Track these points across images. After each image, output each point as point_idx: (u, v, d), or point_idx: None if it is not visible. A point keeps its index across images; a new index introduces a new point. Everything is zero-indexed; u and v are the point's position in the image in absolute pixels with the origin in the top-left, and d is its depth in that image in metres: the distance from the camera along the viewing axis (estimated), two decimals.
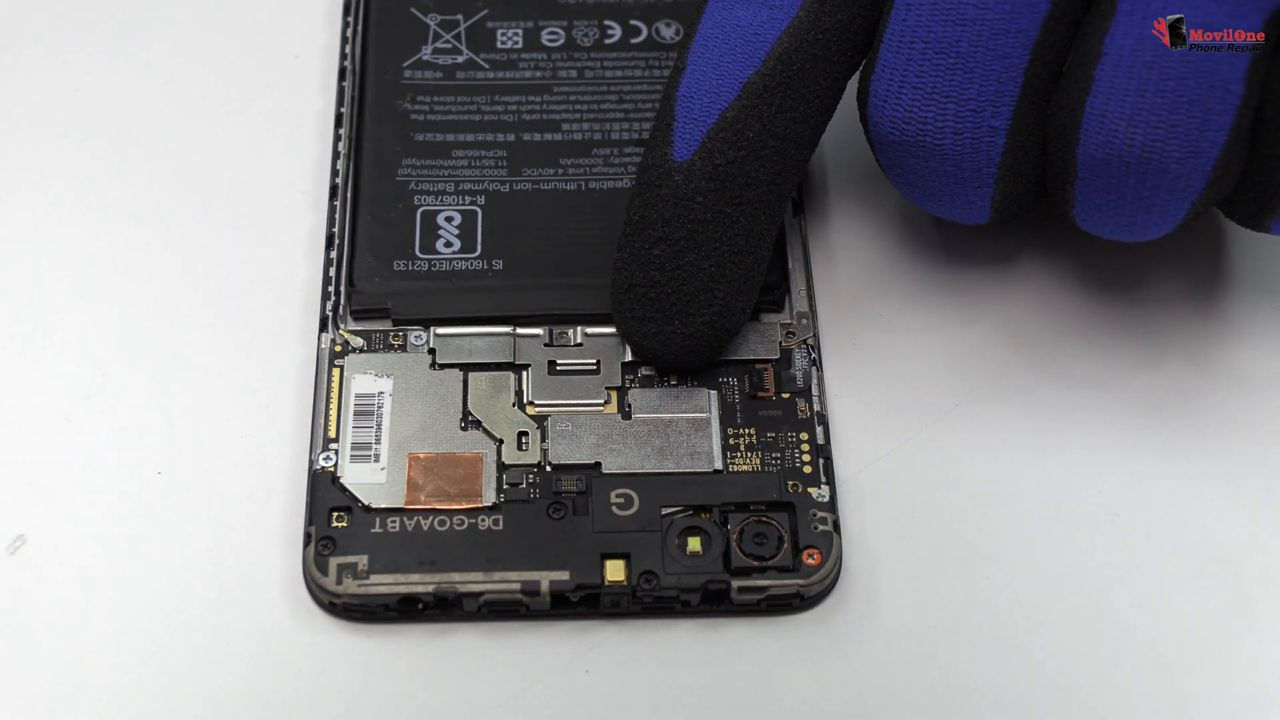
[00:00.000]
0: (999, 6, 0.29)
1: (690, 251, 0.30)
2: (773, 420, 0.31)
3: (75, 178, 0.35)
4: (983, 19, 0.30)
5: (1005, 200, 0.31)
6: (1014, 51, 0.30)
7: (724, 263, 0.30)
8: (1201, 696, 0.29)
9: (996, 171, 0.30)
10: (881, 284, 0.34)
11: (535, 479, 0.30)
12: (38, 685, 0.29)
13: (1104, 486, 0.31)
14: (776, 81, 0.30)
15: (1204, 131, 0.29)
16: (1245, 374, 0.33)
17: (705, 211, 0.30)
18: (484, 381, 0.31)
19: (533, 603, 0.29)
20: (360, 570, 0.29)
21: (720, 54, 0.31)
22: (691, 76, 0.31)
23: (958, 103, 0.30)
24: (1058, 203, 0.31)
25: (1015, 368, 0.33)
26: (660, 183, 0.30)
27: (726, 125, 0.30)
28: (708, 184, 0.30)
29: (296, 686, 0.29)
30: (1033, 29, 0.30)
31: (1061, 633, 0.30)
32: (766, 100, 0.30)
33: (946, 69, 0.30)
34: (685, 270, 0.30)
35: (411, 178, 0.34)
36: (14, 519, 0.31)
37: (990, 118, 0.30)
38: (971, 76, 0.30)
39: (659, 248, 0.30)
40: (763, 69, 0.30)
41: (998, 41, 0.30)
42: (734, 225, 0.30)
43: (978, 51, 0.30)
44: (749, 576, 0.29)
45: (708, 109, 0.30)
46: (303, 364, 0.32)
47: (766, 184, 0.31)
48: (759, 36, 0.31)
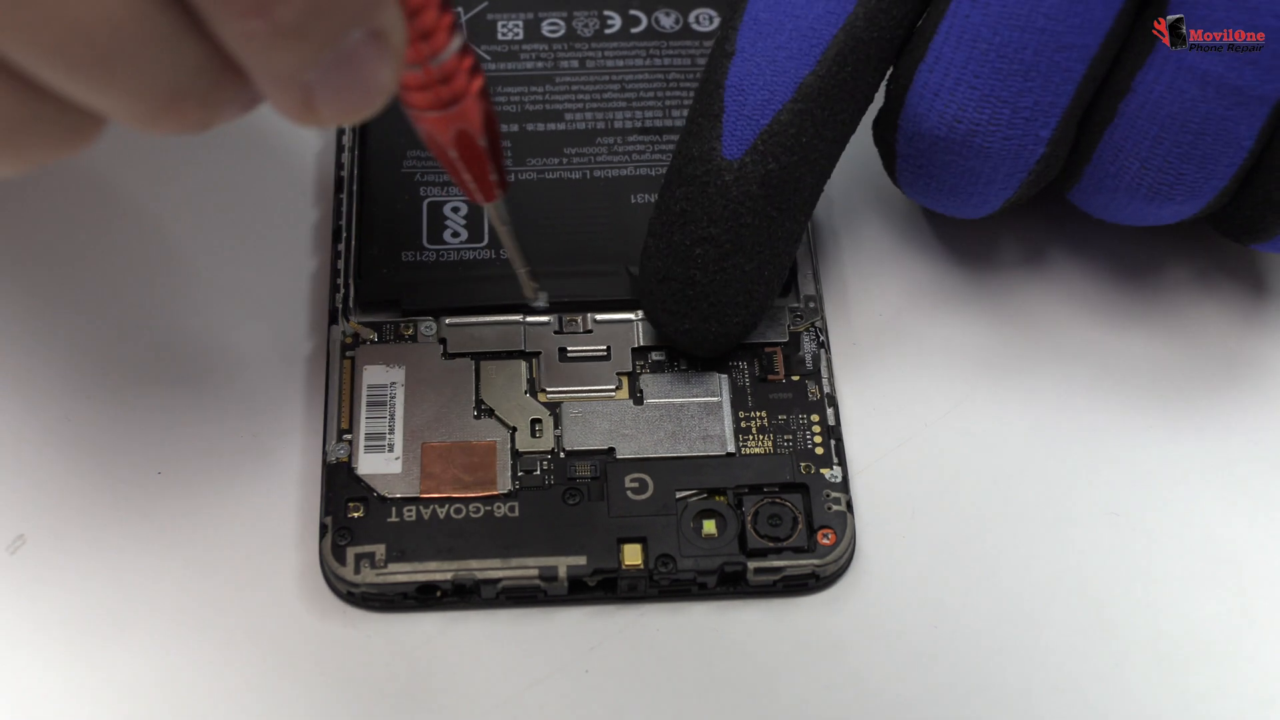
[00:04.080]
0: (1069, 19, 0.29)
1: (736, 255, 0.30)
2: (783, 403, 0.31)
3: (77, 175, 0.35)
4: (1051, 30, 0.29)
5: (1017, 199, 0.31)
6: (1074, 65, 0.29)
7: (764, 265, 0.30)
8: (1201, 696, 0.29)
9: (1026, 176, 0.30)
10: (882, 282, 0.34)
11: (550, 465, 0.31)
12: (38, 685, 0.29)
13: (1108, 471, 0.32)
14: (831, 84, 0.30)
15: (1209, 180, 0.30)
16: (1246, 375, 0.33)
17: (753, 216, 0.30)
18: (496, 370, 0.32)
19: (550, 588, 0.30)
20: (378, 559, 0.29)
21: (774, 46, 0.30)
22: (742, 66, 0.30)
23: (1013, 108, 0.30)
24: (1059, 183, 0.32)
25: (1015, 368, 0.33)
26: (708, 179, 0.30)
27: (780, 129, 0.29)
28: (759, 189, 0.29)
29: (316, 676, 0.29)
30: (1094, 44, 0.29)
31: (1066, 627, 0.30)
32: (820, 104, 0.30)
33: (1007, 74, 0.29)
34: (728, 273, 0.30)
35: (417, 169, 0.34)
36: (14, 519, 0.31)
37: (1040, 127, 0.30)
38: (1030, 85, 0.29)
39: (701, 247, 0.30)
40: (818, 70, 0.30)
41: (1062, 54, 0.29)
42: (778, 229, 0.30)
43: (1040, 61, 0.29)
44: (764, 558, 0.30)
45: (761, 108, 0.30)
46: (312, 356, 0.33)
47: (811, 187, 0.30)
48: (815, 32, 0.30)
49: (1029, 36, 0.29)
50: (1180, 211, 0.31)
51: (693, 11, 0.36)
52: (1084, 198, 0.32)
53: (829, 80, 0.30)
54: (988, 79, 0.29)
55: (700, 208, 0.30)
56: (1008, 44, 0.29)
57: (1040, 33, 0.29)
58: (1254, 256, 0.34)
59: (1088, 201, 0.32)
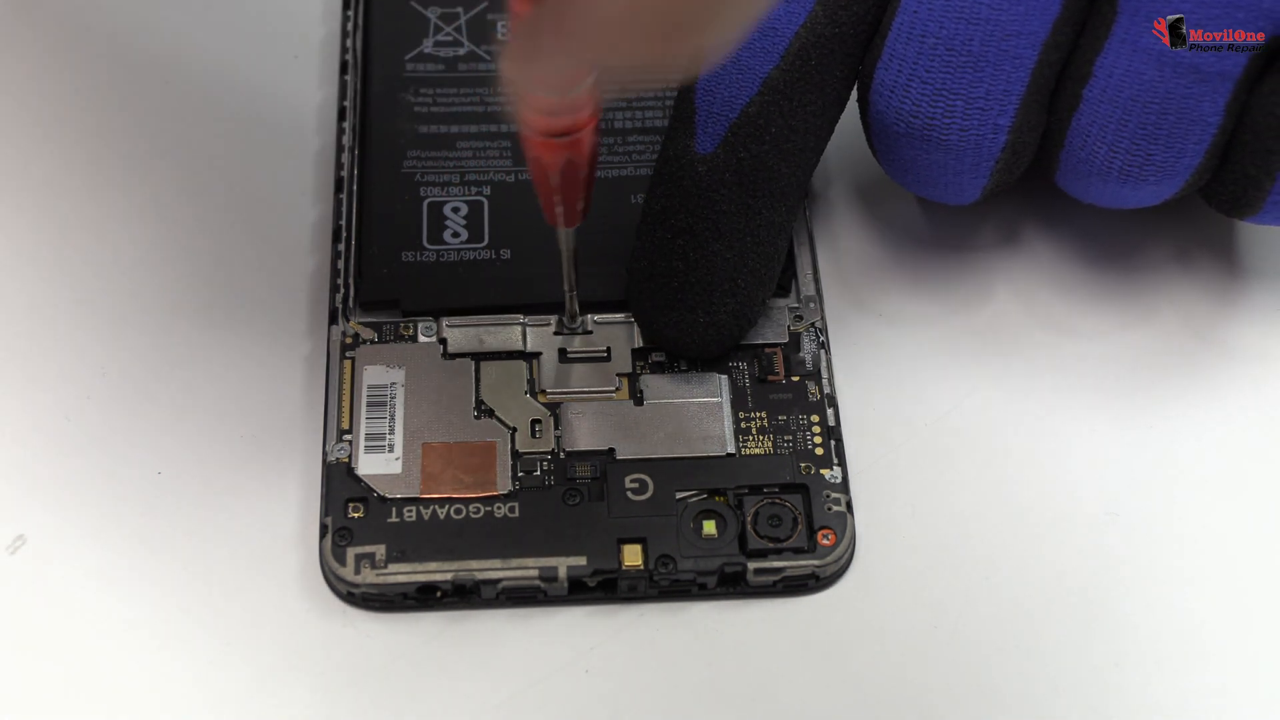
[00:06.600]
0: (1013, 8, 0.30)
1: (714, 242, 0.30)
2: (783, 403, 0.31)
3: (78, 177, 0.35)
4: (996, 19, 0.30)
5: (997, 185, 0.32)
6: (1024, 52, 0.30)
7: (746, 253, 0.31)
8: (1201, 696, 0.29)
9: (995, 164, 0.31)
10: (882, 283, 0.34)
11: (550, 466, 0.31)
12: (38, 685, 0.29)
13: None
14: (795, 77, 0.31)
15: (1180, 158, 0.30)
16: (1246, 376, 0.33)
17: (729, 203, 0.30)
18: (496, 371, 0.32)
19: (550, 588, 0.30)
20: (378, 560, 0.29)
21: (739, 47, 0.31)
22: (710, 70, 0.31)
23: (966, 100, 0.30)
24: (1043, 168, 0.32)
25: (1015, 368, 0.33)
26: (683, 175, 0.30)
27: (749, 120, 0.30)
28: (732, 176, 0.30)
29: (316, 676, 0.29)
30: (1043, 30, 0.30)
31: (1066, 627, 0.30)
32: (787, 96, 0.31)
33: (957, 66, 0.30)
34: (709, 261, 0.30)
35: (417, 169, 0.34)
36: (14, 519, 0.31)
37: (996, 115, 0.30)
38: (981, 75, 0.30)
39: (682, 238, 0.30)
40: (781, 64, 0.31)
41: (1009, 42, 0.30)
42: (756, 217, 0.31)
43: (989, 51, 0.30)
44: (765, 558, 0.30)
45: (729, 103, 0.31)
46: (312, 357, 0.33)
47: (788, 176, 0.31)
48: (776, 31, 0.31)
49: (974, 28, 0.30)
50: (1159, 192, 0.31)
51: None
52: (1066, 183, 0.32)
53: (793, 74, 0.31)
54: (938, 72, 0.30)
55: (678, 202, 0.30)
56: (955, 36, 0.30)
57: (985, 23, 0.30)
58: (1260, 257, 0.34)
59: (1070, 187, 0.32)
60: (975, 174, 0.31)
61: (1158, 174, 0.30)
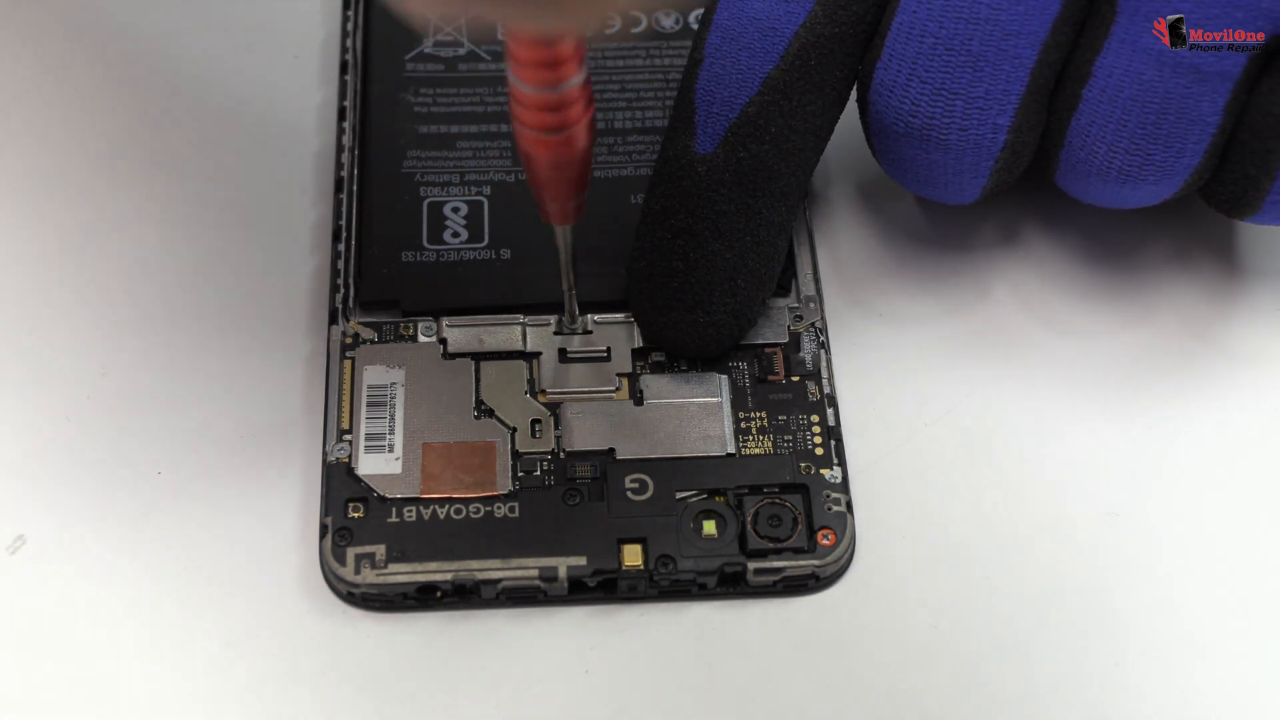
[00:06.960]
0: (1013, 7, 0.30)
1: (714, 242, 0.30)
2: (783, 403, 0.31)
3: (78, 177, 0.35)
4: (995, 19, 0.30)
5: (996, 185, 0.32)
6: (1024, 52, 0.30)
7: (746, 253, 0.31)
8: (1201, 696, 0.29)
9: (994, 164, 0.31)
10: (882, 283, 0.34)
11: (550, 466, 0.31)
12: (38, 685, 0.29)
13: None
14: (795, 77, 0.31)
15: (1179, 158, 0.30)
16: (1246, 376, 0.33)
17: (728, 203, 0.30)
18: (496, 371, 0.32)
19: (550, 588, 0.30)
20: (378, 560, 0.29)
21: (738, 48, 0.31)
22: (710, 70, 0.31)
23: (965, 100, 0.30)
24: (1042, 168, 0.32)
25: (1016, 368, 0.33)
26: (683, 175, 0.30)
27: (749, 120, 0.30)
28: (731, 176, 0.30)
29: (316, 676, 0.29)
30: (1043, 30, 0.30)
31: (1066, 627, 0.30)
32: (787, 96, 0.31)
33: (956, 66, 0.30)
34: (709, 260, 0.30)
35: (417, 169, 0.34)
36: (14, 519, 0.31)
37: (996, 115, 0.30)
38: (980, 75, 0.30)
39: (682, 238, 0.30)
40: (781, 64, 0.31)
41: (1009, 42, 0.30)
42: (756, 216, 0.31)
43: (988, 51, 0.30)
44: (765, 558, 0.30)
45: (729, 104, 0.31)
46: (312, 357, 0.33)
47: (787, 176, 0.31)
48: (776, 31, 0.31)
49: (974, 28, 0.30)
50: (1158, 192, 0.31)
51: (693, 12, 0.36)
52: (1066, 183, 0.32)
53: (793, 74, 0.31)
54: (938, 72, 0.30)
55: (677, 202, 0.30)
56: (954, 36, 0.30)
57: (985, 23, 0.30)
58: (1262, 257, 0.34)
59: (1070, 187, 0.32)
60: (975, 174, 0.31)
61: (1157, 174, 0.30)
